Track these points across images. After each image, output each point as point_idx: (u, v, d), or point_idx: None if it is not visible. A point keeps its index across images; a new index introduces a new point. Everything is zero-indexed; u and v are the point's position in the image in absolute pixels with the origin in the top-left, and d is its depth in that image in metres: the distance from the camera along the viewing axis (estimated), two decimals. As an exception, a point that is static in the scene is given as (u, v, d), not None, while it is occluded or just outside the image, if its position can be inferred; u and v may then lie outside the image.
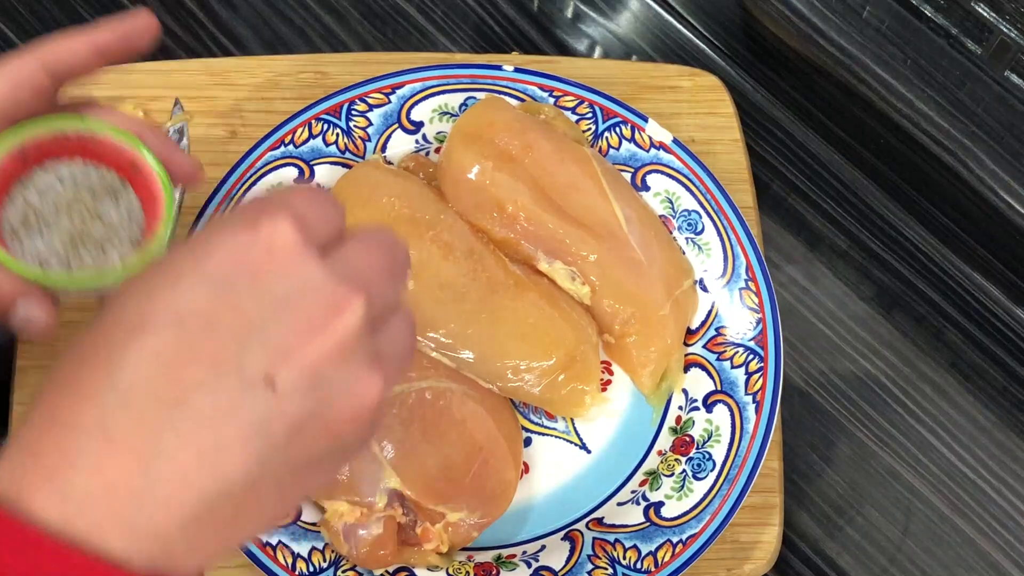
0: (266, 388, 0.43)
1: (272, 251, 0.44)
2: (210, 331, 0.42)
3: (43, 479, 0.41)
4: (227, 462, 0.42)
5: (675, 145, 0.81)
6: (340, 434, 0.45)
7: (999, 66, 0.81)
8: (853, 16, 0.86)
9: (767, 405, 0.75)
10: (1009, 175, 0.84)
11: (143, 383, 0.42)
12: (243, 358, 0.42)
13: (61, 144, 0.64)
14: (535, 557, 0.73)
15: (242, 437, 0.42)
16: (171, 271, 0.44)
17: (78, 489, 0.41)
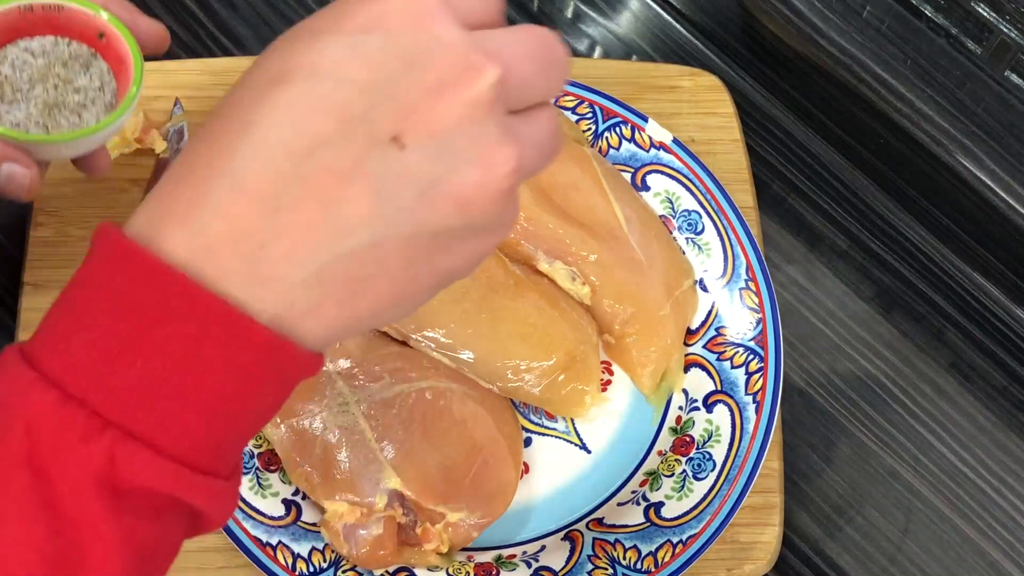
0: (392, 145, 0.42)
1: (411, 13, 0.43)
2: (342, 85, 0.42)
3: (176, 221, 0.42)
4: (351, 217, 0.42)
5: (675, 145, 0.81)
6: (468, 206, 0.43)
7: (999, 66, 0.81)
8: (853, 16, 0.86)
9: (767, 405, 0.75)
10: (1009, 175, 0.84)
11: (274, 134, 0.42)
12: (371, 114, 0.42)
13: (29, 20, 0.68)
14: (535, 557, 0.73)
15: (366, 192, 0.42)
16: (313, 28, 0.44)
17: (207, 232, 0.41)
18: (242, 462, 0.45)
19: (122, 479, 0.41)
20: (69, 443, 0.40)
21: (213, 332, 0.41)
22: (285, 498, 0.73)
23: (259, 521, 0.71)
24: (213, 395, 0.42)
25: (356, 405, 0.72)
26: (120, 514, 0.41)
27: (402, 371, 0.74)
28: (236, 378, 0.42)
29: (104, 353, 0.41)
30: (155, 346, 0.41)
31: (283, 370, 0.43)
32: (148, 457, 0.41)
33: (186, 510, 0.43)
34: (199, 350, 0.41)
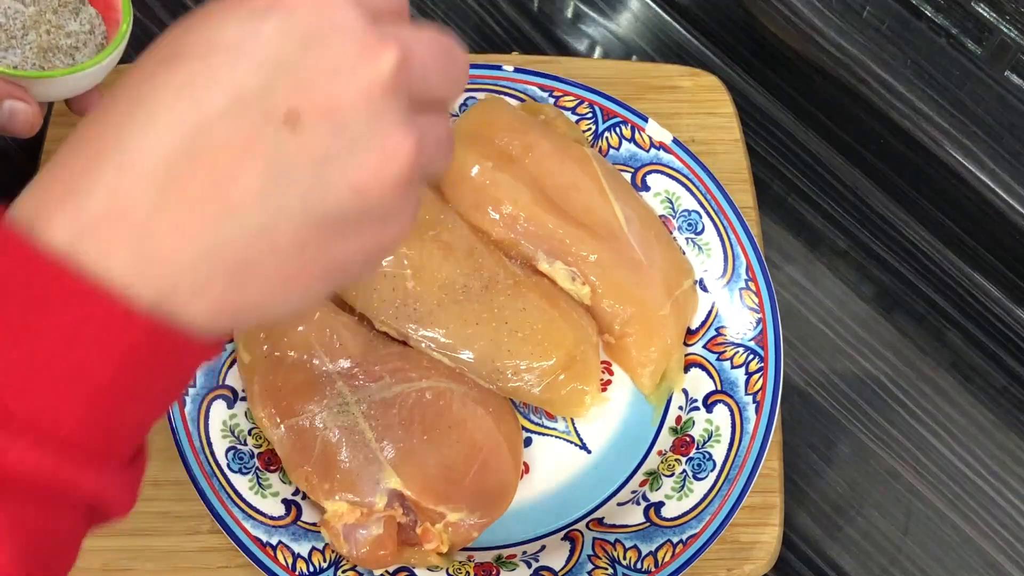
0: (287, 123, 0.41)
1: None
2: (235, 61, 0.42)
3: (58, 203, 0.41)
4: (242, 195, 0.41)
5: (675, 145, 0.81)
6: (364, 192, 0.43)
7: (999, 66, 0.81)
8: (853, 16, 0.86)
9: (767, 405, 0.75)
10: (1009, 175, 0.84)
11: (165, 109, 0.41)
12: (266, 90, 0.41)
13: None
14: (535, 557, 0.73)
15: (259, 171, 0.41)
16: (211, 9, 0.43)
17: (91, 211, 0.40)
18: (146, 449, 0.44)
19: (4, 466, 0.40)
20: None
21: (91, 320, 0.40)
22: (285, 498, 0.73)
23: (259, 521, 0.71)
24: (95, 382, 0.41)
25: (356, 405, 0.72)
26: (4, 502, 0.40)
27: (402, 371, 0.74)
28: (118, 365, 0.41)
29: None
30: (33, 334, 0.40)
31: (169, 356, 0.42)
32: (29, 444, 0.40)
33: (77, 498, 0.42)
34: (77, 338, 0.40)
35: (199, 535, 0.73)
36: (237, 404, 0.74)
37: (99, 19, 0.73)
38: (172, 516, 0.73)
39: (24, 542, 0.41)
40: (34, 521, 0.41)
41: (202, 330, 0.42)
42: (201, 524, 0.73)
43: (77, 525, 0.43)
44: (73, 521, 0.43)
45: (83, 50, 0.72)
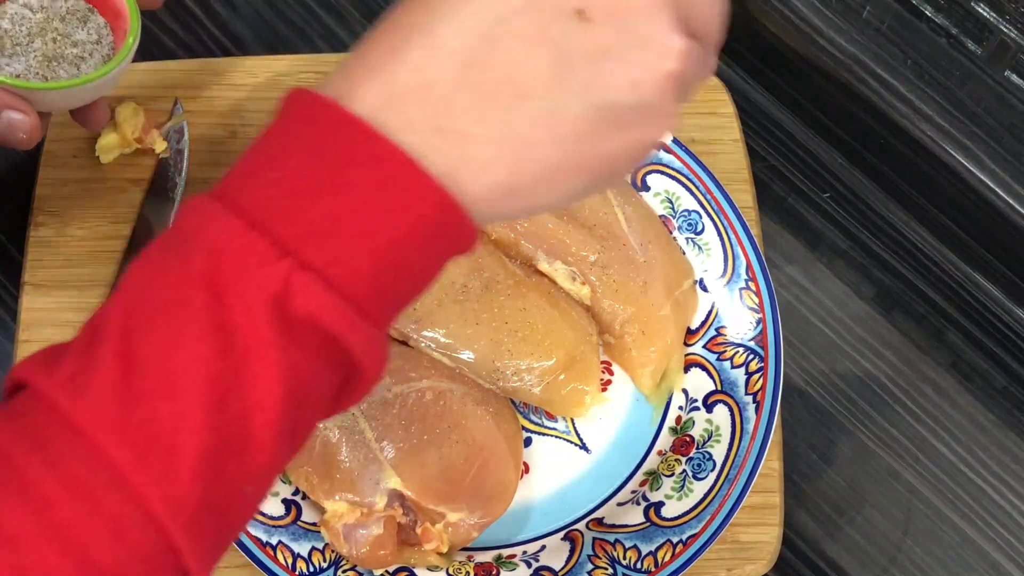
0: (577, 18, 0.45)
1: None
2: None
3: (367, 74, 0.45)
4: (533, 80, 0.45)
5: (675, 145, 0.81)
6: (639, 85, 0.46)
7: (999, 66, 0.81)
8: (853, 16, 0.86)
9: (767, 405, 0.75)
10: (1009, 175, 0.84)
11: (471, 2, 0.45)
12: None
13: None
14: (535, 557, 0.73)
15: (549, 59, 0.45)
16: None
17: (396, 83, 0.44)
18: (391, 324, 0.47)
19: (295, 307, 0.42)
20: (249, 266, 0.42)
21: (391, 181, 0.43)
22: (285, 498, 0.73)
23: (259, 521, 0.71)
24: (386, 239, 0.44)
25: (356, 405, 0.72)
26: (287, 342, 0.43)
27: (402, 371, 0.74)
28: (407, 226, 0.44)
29: (289, 189, 0.43)
30: (337, 187, 0.43)
31: (447, 230, 0.45)
32: (321, 289, 0.43)
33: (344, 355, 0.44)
34: (378, 195, 0.43)
35: (199, 535, 0.73)
36: (237, 404, 0.74)
37: (107, 29, 0.72)
38: (172, 516, 0.73)
39: (294, 386, 0.43)
40: (306, 369, 0.43)
41: (479, 209, 0.45)
42: (201, 524, 0.73)
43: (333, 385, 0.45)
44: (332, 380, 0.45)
45: (89, 60, 0.71)
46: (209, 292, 0.42)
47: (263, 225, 0.43)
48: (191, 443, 0.42)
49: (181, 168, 0.81)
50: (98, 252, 0.79)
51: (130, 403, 0.42)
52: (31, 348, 0.76)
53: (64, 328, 0.77)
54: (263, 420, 0.43)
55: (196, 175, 0.81)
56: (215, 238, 0.43)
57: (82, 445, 0.42)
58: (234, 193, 0.44)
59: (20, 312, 0.78)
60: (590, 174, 0.47)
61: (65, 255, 0.79)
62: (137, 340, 0.43)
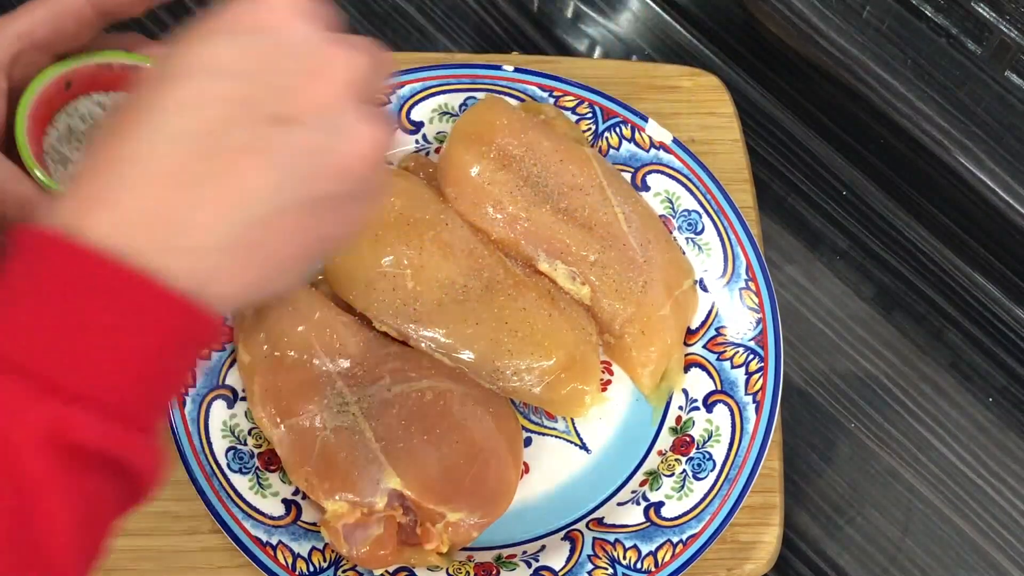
0: (281, 123, 0.48)
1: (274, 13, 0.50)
2: (229, 77, 0.49)
3: (95, 204, 0.46)
4: (254, 187, 0.48)
5: (675, 145, 0.81)
6: (347, 174, 0.50)
7: (999, 66, 0.81)
8: (853, 16, 0.86)
9: (767, 405, 0.75)
10: (1009, 175, 0.84)
11: (177, 123, 0.48)
12: (260, 98, 0.48)
13: (106, 76, 0.67)
14: (535, 557, 0.73)
15: (264, 165, 0.48)
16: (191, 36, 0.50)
17: (127, 210, 0.46)
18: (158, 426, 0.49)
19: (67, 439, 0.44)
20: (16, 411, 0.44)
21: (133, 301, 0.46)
22: (285, 498, 0.73)
23: (259, 521, 0.71)
24: (141, 357, 0.46)
25: (356, 405, 0.72)
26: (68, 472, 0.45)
27: (402, 371, 0.74)
28: (159, 340, 0.46)
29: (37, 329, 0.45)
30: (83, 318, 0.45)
31: (197, 332, 0.48)
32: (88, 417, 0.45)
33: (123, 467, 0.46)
34: (126, 319, 0.46)
35: (199, 535, 0.73)
36: (237, 404, 0.74)
37: None
38: (172, 516, 0.73)
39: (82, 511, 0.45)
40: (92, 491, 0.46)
41: (223, 306, 0.48)
42: (201, 524, 0.73)
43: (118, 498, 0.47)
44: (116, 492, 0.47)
45: None
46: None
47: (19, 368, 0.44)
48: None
49: None
50: (98, 252, 0.79)
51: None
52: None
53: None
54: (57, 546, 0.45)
55: (196, 175, 0.81)
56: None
57: None
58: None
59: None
60: (317, 254, 0.52)
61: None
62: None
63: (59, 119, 0.67)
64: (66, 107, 0.67)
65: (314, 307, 0.74)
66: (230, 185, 0.47)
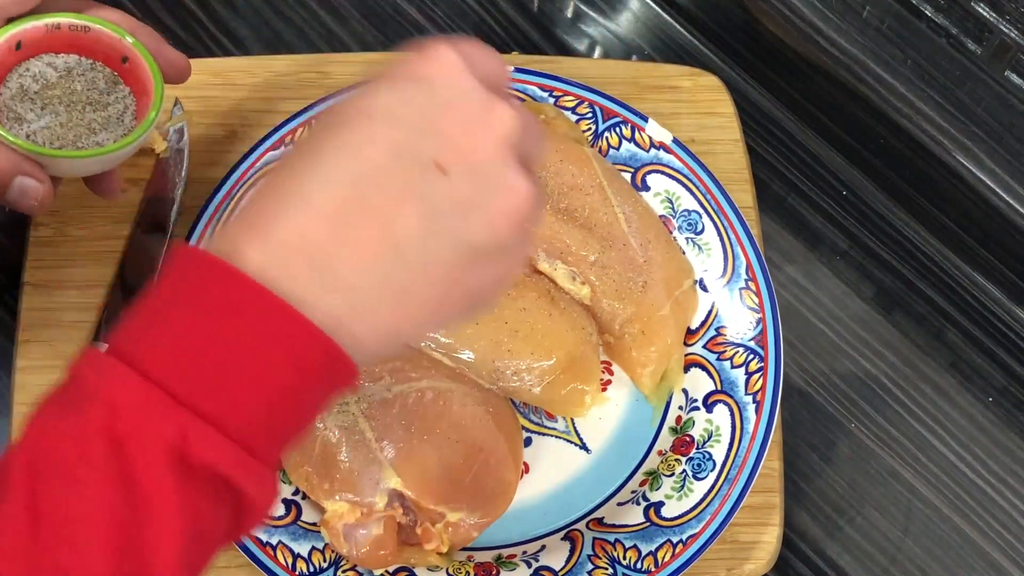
0: (437, 172, 0.49)
1: (439, 65, 0.51)
2: (392, 123, 0.50)
3: (253, 236, 0.48)
4: (403, 232, 0.49)
5: (675, 145, 0.81)
6: (498, 228, 0.50)
7: (999, 66, 0.81)
8: (853, 16, 0.86)
9: (767, 405, 0.75)
10: (1009, 175, 0.84)
11: (337, 164, 0.49)
12: (418, 146, 0.49)
13: (55, 38, 0.69)
14: (535, 557, 0.73)
15: (417, 212, 0.49)
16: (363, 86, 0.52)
17: (281, 244, 0.48)
18: (280, 461, 0.50)
19: (191, 455, 0.45)
20: (147, 419, 0.45)
21: (281, 332, 0.47)
22: (285, 498, 0.73)
23: (259, 521, 0.71)
24: (275, 387, 0.47)
25: (356, 405, 0.72)
26: (185, 488, 0.45)
27: (402, 371, 0.74)
28: (295, 374, 0.47)
29: (182, 344, 0.46)
30: (228, 340, 0.46)
31: (332, 373, 0.48)
32: (216, 439, 0.45)
33: (238, 495, 0.47)
34: (267, 347, 0.47)
35: (199, 535, 0.73)
36: (237, 404, 0.74)
37: (131, 99, 0.70)
38: (172, 516, 0.73)
39: (192, 528, 0.46)
40: (203, 510, 0.46)
41: (363, 350, 0.49)
42: (201, 524, 0.73)
43: (227, 523, 0.48)
44: (226, 518, 0.48)
45: (108, 129, 0.69)
46: (110, 443, 0.45)
47: (159, 379, 0.45)
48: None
49: (181, 168, 0.81)
50: (98, 252, 0.79)
51: (35, 554, 0.44)
52: (31, 348, 0.77)
53: (64, 328, 0.77)
54: (164, 562, 0.45)
55: (196, 175, 0.81)
56: (112, 392, 0.45)
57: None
58: (130, 347, 0.47)
59: (20, 312, 0.78)
60: (462, 307, 0.52)
61: (65, 255, 0.79)
62: (42, 491, 0.45)
63: (11, 79, 0.68)
64: (17, 67, 0.68)
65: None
66: (379, 227, 0.48)
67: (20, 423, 0.74)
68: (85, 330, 0.77)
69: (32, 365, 0.76)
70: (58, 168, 0.68)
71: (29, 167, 0.66)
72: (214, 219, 0.78)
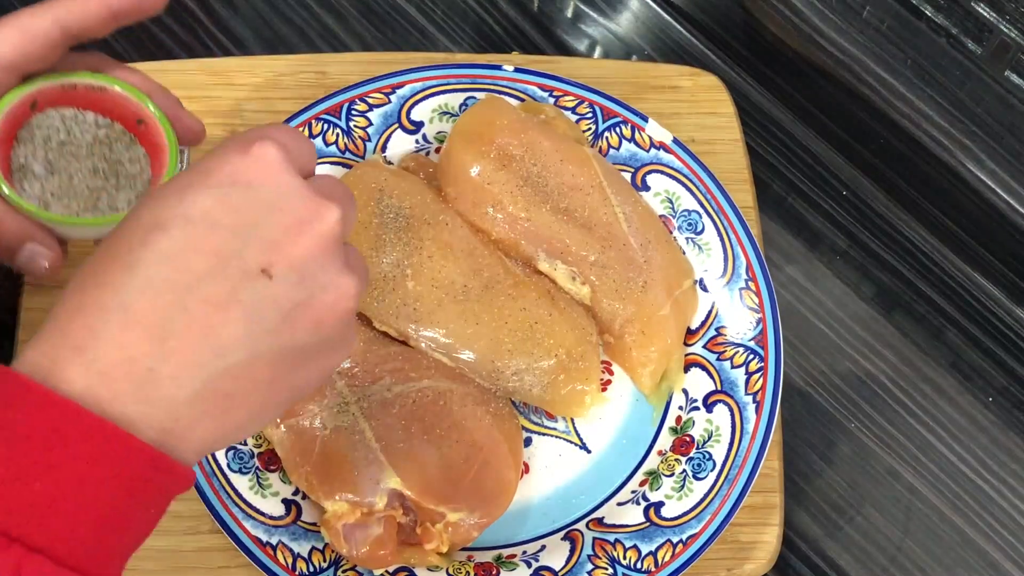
0: (262, 276, 0.49)
1: (261, 165, 0.51)
2: (213, 229, 0.49)
3: (71, 353, 0.47)
4: (228, 339, 0.48)
5: (675, 145, 0.81)
6: (323, 326, 0.51)
7: (999, 66, 0.81)
8: (853, 16, 0.86)
9: (767, 405, 0.75)
10: (1009, 175, 0.84)
11: (158, 272, 0.48)
12: (242, 251, 0.49)
13: (71, 96, 0.67)
14: (535, 557, 0.73)
15: (240, 318, 0.49)
16: (179, 184, 0.51)
17: (101, 360, 0.47)
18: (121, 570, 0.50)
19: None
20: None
21: (104, 451, 0.46)
22: (285, 498, 0.73)
23: (259, 521, 0.71)
24: (105, 507, 0.46)
25: (356, 405, 0.72)
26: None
27: (402, 371, 0.74)
28: (125, 491, 0.47)
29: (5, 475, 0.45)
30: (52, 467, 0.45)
31: (164, 484, 0.48)
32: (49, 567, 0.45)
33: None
34: (92, 467, 0.46)
35: (199, 535, 0.73)
36: (237, 404, 0.74)
37: (146, 161, 0.69)
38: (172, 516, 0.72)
39: None
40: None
41: (190, 459, 0.49)
42: (201, 524, 0.73)
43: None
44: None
45: (122, 191, 0.67)
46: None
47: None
48: None
49: (181, 169, 0.81)
50: (98, 252, 0.79)
51: None
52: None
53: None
54: None
55: (196, 175, 0.81)
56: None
57: None
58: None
59: (20, 312, 0.78)
60: (287, 402, 0.53)
61: (65, 255, 0.79)
62: None
63: (24, 134, 0.66)
64: (31, 121, 0.67)
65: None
66: (202, 337, 0.48)
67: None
68: (85, 330, 0.77)
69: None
70: (69, 233, 0.66)
71: (39, 234, 0.65)
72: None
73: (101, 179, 0.67)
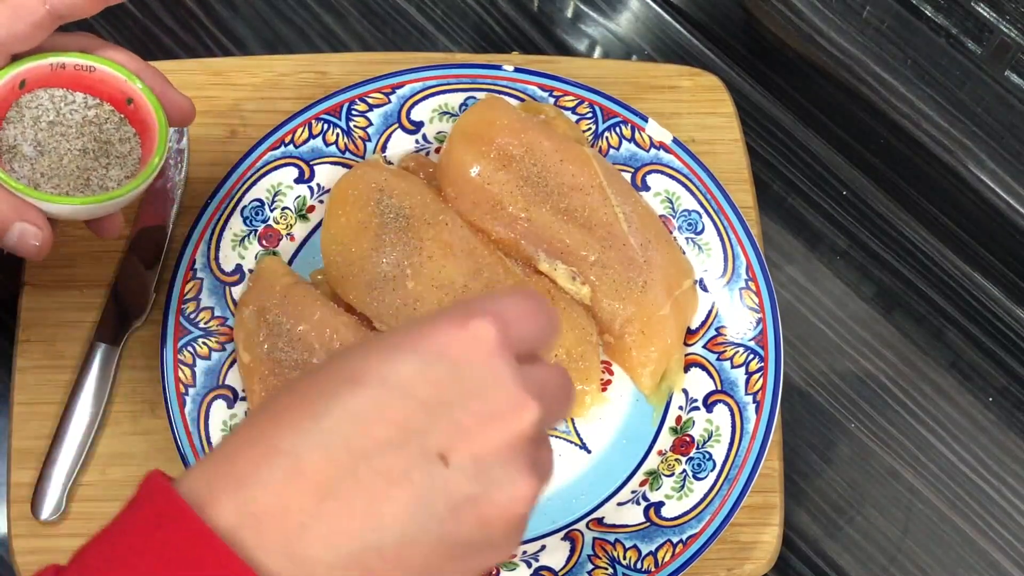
0: (438, 461, 0.47)
1: (474, 345, 0.48)
2: (405, 400, 0.47)
3: (230, 488, 0.46)
4: (389, 517, 0.46)
5: (675, 145, 0.81)
6: (490, 526, 0.48)
7: (999, 66, 0.81)
8: (853, 16, 0.86)
9: (767, 405, 0.75)
10: (1009, 175, 0.84)
11: (339, 430, 0.46)
12: (427, 430, 0.47)
13: (59, 76, 0.67)
14: (535, 557, 0.73)
15: (408, 498, 0.46)
16: (389, 343, 0.49)
17: (257, 504, 0.45)
18: None
19: None
20: None
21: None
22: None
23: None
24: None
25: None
26: None
27: (402, 371, 0.74)
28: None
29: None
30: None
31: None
32: None
33: None
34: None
35: (199, 535, 0.73)
36: (237, 404, 0.74)
37: (136, 141, 0.69)
38: (172, 516, 0.73)
39: None
40: None
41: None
42: None
43: None
44: None
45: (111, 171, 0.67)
46: None
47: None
48: None
49: (181, 168, 0.81)
50: (98, 252, 0.79)
51: None
52: (31, 348, 0.76)
53: (64, 328, 0.77)
54: None
55: (196, 175, 0.81)
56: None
57: None
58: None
59: (20, 312, 0.78)
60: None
61: (65, 255, 0.79)
62: None
63: (13, 114, 0.66)
64: (19, 101, 0.67)
65: (314, 307, 0.74)
66: (364, 507, 0.46)
67: (19, 423, 0.75)
68: (85, 330, 0.77)
69: (32, 365, 0.76)
70: (60, 212, 0.66)
71: (29, 212, 0.64)
72: (214, 219, 0.78)
73: (91, 159, 0.67)
